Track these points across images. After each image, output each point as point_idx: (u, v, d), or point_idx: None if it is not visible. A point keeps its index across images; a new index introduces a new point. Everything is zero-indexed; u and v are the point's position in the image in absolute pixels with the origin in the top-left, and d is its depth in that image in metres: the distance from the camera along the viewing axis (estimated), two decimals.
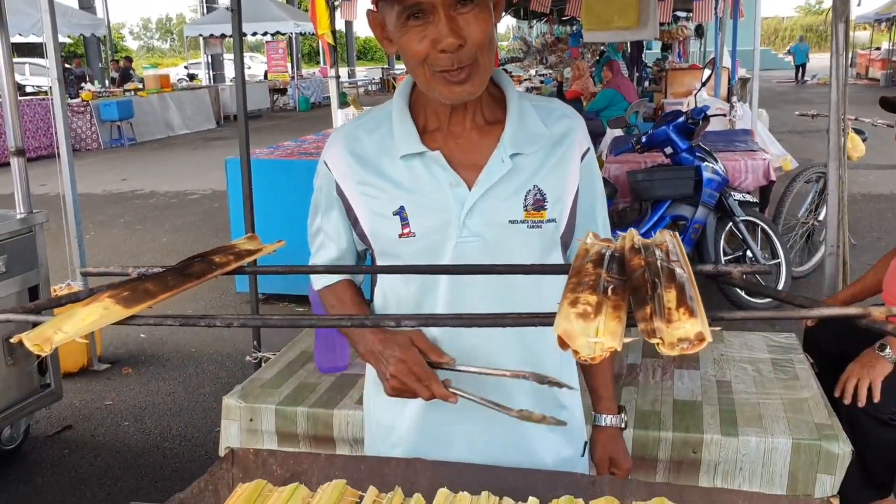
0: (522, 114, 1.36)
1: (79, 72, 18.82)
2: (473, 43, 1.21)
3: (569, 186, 1.38)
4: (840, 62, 3.39)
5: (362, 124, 1.41)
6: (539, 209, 1.34)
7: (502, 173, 1.32)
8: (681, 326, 0.70)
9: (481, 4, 1.21)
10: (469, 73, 1.23)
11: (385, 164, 1.35)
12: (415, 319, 0.80)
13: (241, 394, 2.51)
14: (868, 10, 26.08)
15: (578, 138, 1.40)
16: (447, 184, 1.33)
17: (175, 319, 0.85)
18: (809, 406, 2.33)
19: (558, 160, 1.37)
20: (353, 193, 1.38)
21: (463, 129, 1.36)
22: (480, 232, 1.32)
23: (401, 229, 1.34)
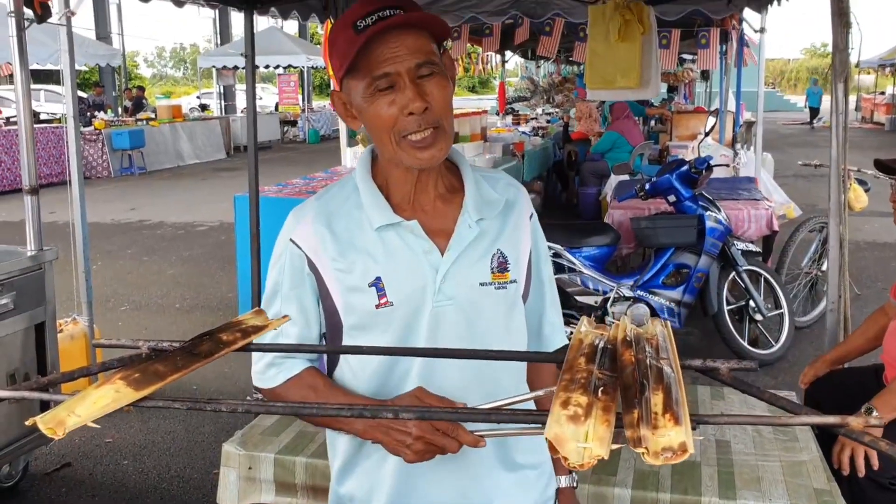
0: (477, 182, 1.46)
1: (98, 100, 19.03)
2: (437, 106, 1.31)
3: (523, 248, 1.48)
4: (839, 120, 3.45)
5: (329, 199, 1.45)
6: (503, 271, 1.42)
7: (471, 238, 1.40)
8: (665, 434, 0.73)
9: (440, 73, 1.32)
10: (435, 137, 1.32)
11: (356, 237, 1.39)
12: (412, 412, 0.83)
13: (241, 441, 2.53)
14: (872, 56, 26.29)
15: (525, 204, 1.51)
16: (421, 251, 1.38)
17: (182, 403, 0.89)
18: (808, 470, 2.34)
19: (513, 225, 1.47)
20: (326, 269, 1.40)
21: (428, 197, 1.43)
22: (454, 295, 1.38)
23: (377, 300, 1.37)
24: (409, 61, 1.28)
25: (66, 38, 4.26)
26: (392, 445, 1.28)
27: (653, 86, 3.43)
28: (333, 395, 1.42)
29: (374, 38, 1.27)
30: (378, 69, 1.28)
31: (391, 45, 1.28)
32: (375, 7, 1.29)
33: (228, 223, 9.38)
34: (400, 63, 1.28)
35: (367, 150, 1.47)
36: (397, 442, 1.27)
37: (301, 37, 26.01)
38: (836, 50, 3.38)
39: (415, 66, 1.29)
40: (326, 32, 6.87)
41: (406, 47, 1.28)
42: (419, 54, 1.29)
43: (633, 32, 3.24)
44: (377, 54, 1.28)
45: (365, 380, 1.42)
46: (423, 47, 1.30)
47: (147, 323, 6.09)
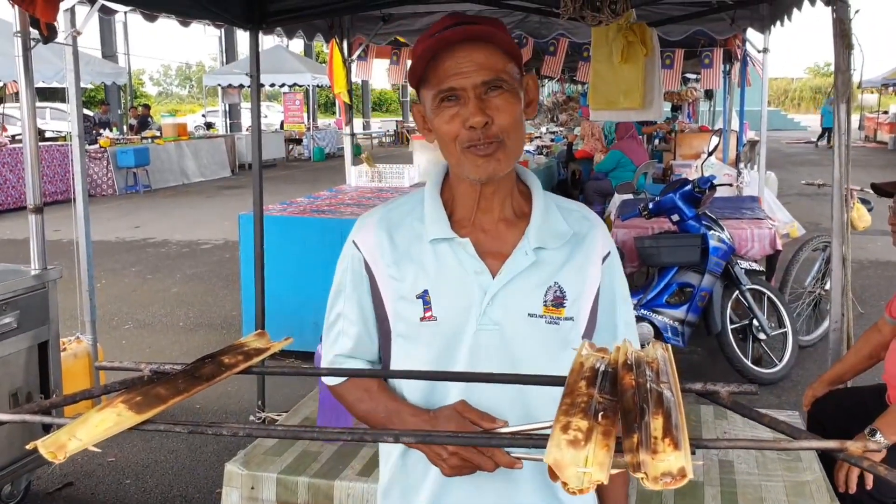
0: (547, 210, 1.42)
1: (104, 119, 19.15)
2: (500, 123, 1.30)
3: (588, 287, 1.42)
4: (842, 140, 3.45)
5: (395, 208, 1.47)
6: (558, 306, 1.37)
7: (526, 265, 1.37)
8: (665, 458, 0.73)
9: (510, 91, 1.32)
10: (496, 148, 1.31)
11: (413, 247, 1.41)
12: (413, 436, 0.83)
13: (244, 461, 2.53)
14: (875, 76, 26.35)
15: (600, 241, 1.45)
16: (472, 271, 1.37)
17: (184, 427, 0.89)
18: (812, 490, 2.33)
19: (580, 260, 1.41)
20: (381, 274, 1.42)
21: (490, 218, 1.41)
22: (500, 321, 1.36)
23: (423, 313, 1.37)
24: (476, 77, 1.29)
25: (72, 57, 4.29)
26: (431, 457, 1.30)
27: (655, 107, 3.44)
28: (384, 398, 1.42)
29: (444, 52, 1.29)
30: (445, 83, 1.30)
31: (460, 60, 1.29)
32: (455, 22, 1.31)
33: (233, 241, 9.41)
34: (466, 78, 1.29)
35: (441, 164, 1.48)
36: (435, 454, 1.29)
37: (306, 55, 26.19)
38: (839, 71, 3.39)
39: (481, 83, 1.29)
40: (331, 52, 6.92)
41: (475, 63, 1.29)
42: (488, 71, 1.29)
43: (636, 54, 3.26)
44: (445, 67, 1.30)
45: (414, 387, 1.43)
46: (493, 64, 1.30)
47: (151, 342, 6.09)
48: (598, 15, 3.16)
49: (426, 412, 1.36)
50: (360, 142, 23.98)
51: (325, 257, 5.36)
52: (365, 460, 2.51)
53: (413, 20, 6.38)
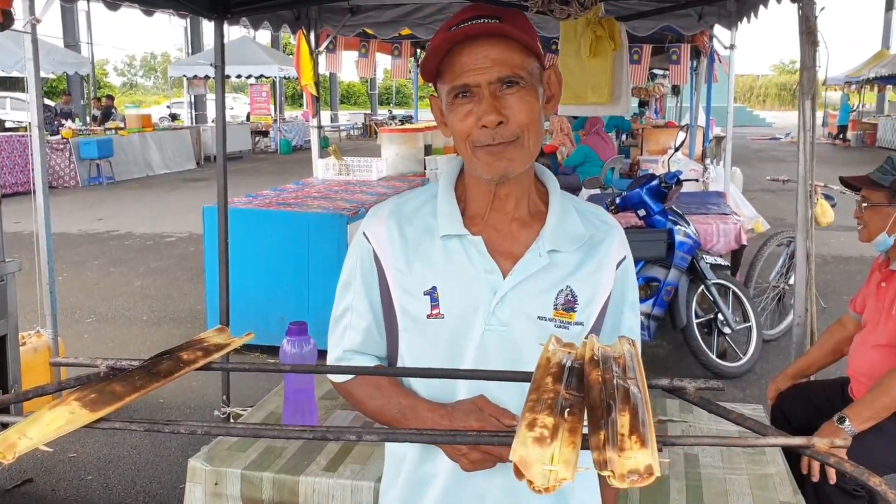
0: (564, 212, 1.39)
1: (66, 109, 18.80)
2: (515, 122, 1.26)
3: (601, 293, 1.38)
4: (807, 137, 3.49)
5: (408, 200, 1.43)
6: (569, 310, 1.34)
7: (538, 267, 1.34)
8: (632, 456, 0.72)
9: (527, 88, 1.27)
10: (507, 148, 1.27)
11: (424, 243, 1.37)
12: (376, 434, 0.81)
13: (207, 456, 2.49)
14: (839, 73, 26.78)
15: (616, 246, 1.41)
16: (482, 270, 1.34)
17: (140, 425, 0.86)
18: (775, 483, 2.35)
19: (596, 264, 1.38)
20: (390, 268, 1.39)
21: (504, 217, 1.38)
22: (508, 322, 1.33)
23: (430, 310, 1.34)
24: (491, 73, 1.24)
25: (31, 45, 4.19)
26: (450, 452, 1.30)
27: (623, 102, 3.45)
28: (397, 394, 1.40)
29: (461, 46, 1.25)
30: (459, 79, 1.26)
31: (475, 55, 1.25)
32: (474, 14, 1.26)
33: (197, 234, 9.29)
34: (481, 74, 1.24)
35: (457, 160, 1.43)
36: (454, 449, 1.28)
37: (274, 47, 25.98)
38: (804, 67, 3.43)
39: (496, 79, 1.25)
40: (298, 43, 6.86)
41: (490, 59, 1.24)
42: (503, 67, 1.24)
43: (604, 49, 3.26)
44: (461, 63, 1.25)
45: (421, 384, 1.41)
46: (510, 60, 1.25)
47: (113, 335, 6.00)
48: (566, 8, 3.16)
49: (443, 407, 1.33)
50: (328, 134, 23.85)
51: (291, 251, 5.34)
52: (330, 455, 2.49)
53: (380, 12, 6.33)
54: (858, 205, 2.82)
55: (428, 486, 1.41)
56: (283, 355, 2.61)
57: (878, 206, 2.73)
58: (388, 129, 9.25)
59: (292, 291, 5.29)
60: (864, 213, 2.79)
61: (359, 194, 6.30)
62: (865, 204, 2.78)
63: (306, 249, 5.27)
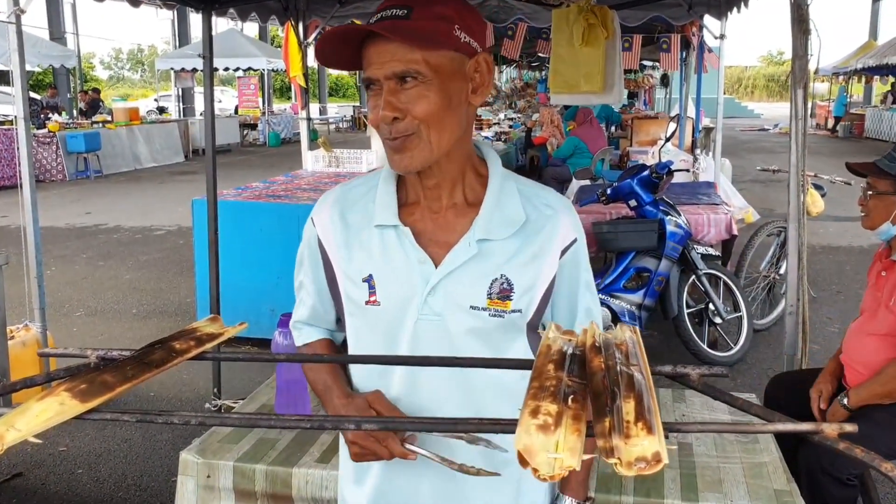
0: (502, 196, 1.36)
1: (52, 102, 18.64)
2: (413, 117, 1.25)
3: (542, 278, 1.37)
4: (798, 126, 3.49)
5: (353, 188, 1.45)
6: (504, 298, 1.33)
7: (468, 257, 1.33)
8: (639, 444, 0.70)
9: (427, 82, 1.24)
10: (405, 142, 1.26)
11: (364, 230, 1.38)
12: (375, 423, 0.79)
13: (199, 449, 2.47)
14: (826, 64, 26.83)
15: (562, 230, 1.38)
16: (415, 260, 1.34)
17: (132, 415, 0.84)
18: (769, 471, 2.35)
19: (535, 251, 1.35)
20: (333, 254, 1.42)
21: (440, 205, 1.37)
22: (441, 312, 1.34)
23: (367, 296, 1.36)
24: (387, 69, 1.24)
25: (16, 37, 4.14)
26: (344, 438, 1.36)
27: (616, 91, 3.43)
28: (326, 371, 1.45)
29: (369, 40, 1.25)
30: (366, 72, 1.27)
31: (378, 49, 1.24)
32: (389, 4, 1.26)
33: (186, 227, 9.24)
34: (378, 69, 1.24)
35: None
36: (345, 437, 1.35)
37: (261, 39, 25.81)
38: (796, 56, 3.42)
39: (392, 74, 1.24)
40: (287, 34, 6.80)
41: (389, 53, 1.23)
42: (398, 63, 1.23)
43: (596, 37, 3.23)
44: (367, 56, 1.26)
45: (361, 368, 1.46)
46: (407, 55, 1.23)
47: (103, 329, 5.95)
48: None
49: (349, 396, 1.40)
50: (317, 127, 23.75)
51: (280, 243, 5.30)
52: (324, 447, 2.47)
53: (369, 3, 6.28)
54: (864, 192, 2.80)
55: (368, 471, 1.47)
56: (276, 346, 2.59)
57: (884, 195, 2.71)
58: None
59: (282, 283, 5.26)
60: (868, 201, 2.77)
61: None
62: (871, 192, 2.76)
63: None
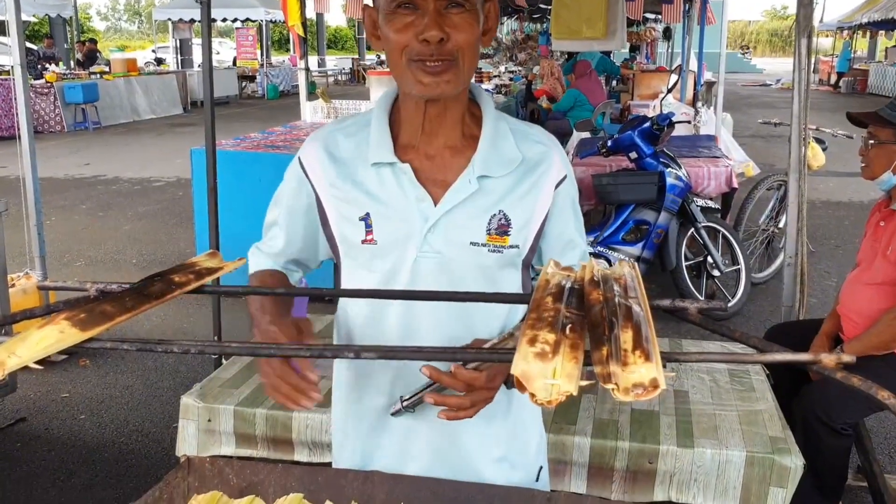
0: (497, 136, 1.37)
1: (49, 53, 18.41)
2: (456, 42, 1.24)
3: (537, 214, 1.38)
4: (802, 76, 3.45)
5: (342, 129, 1.42)
6: (502, 234, 1.34)
7: (467, 194, 1.33)
8: (636, 370, 0.71)
9: (472, 11, 1.25)
10: (445, 68, 1.25)
11: (359, 169, 1.37)
12: (374, 351, 0.80)
13: (200, 393, 2.50)
14: (831, 19, 26.52)
15: (554, 166, 1.40)
16: (413, 197, 1.34)
17: (132, 343, 0.85)
18: (764, 419, 2.38)
19: (529, 187, 1.37)
20: (325, 194, 1.39)
21: (437, 143, 1.37)
22: (441, 249, 1.34)
23: (364, 235, 1.35)
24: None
25: None
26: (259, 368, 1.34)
27: (618, 37, 3.40)
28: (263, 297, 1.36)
29: None
30: None
31: None
32: None
33: (185, 179, 9.20)
34: None
35: (393, 86, 1.41)
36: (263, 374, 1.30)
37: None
38: (801, 5, 3.37)
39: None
40: None
41: None
42: None
43: None
44: None
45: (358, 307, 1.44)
46: None
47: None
48: None
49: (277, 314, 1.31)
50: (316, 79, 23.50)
51: None
52: (324, 391, 2.49)
53: None
54: (864, 141, 2.78)
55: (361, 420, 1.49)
56: None
57: (885, 144, 2.69)
58: (376, 72, 9.12)
59: None
60: (869, 151, 2.75)
61: None
62: (872, 141, 2.74)
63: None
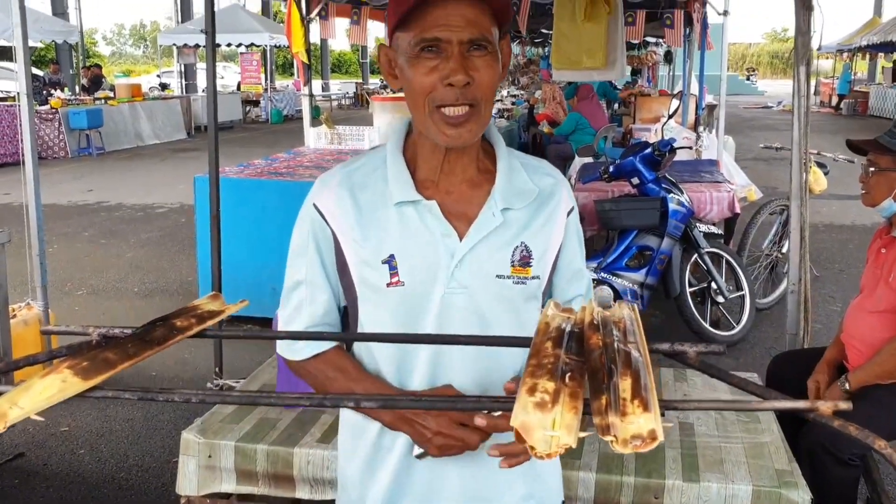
0: (511, 169, 1.40)
1: (55, 78, 18.56)
2: (480, 85, 1.26)
3: (552, 244, 1.41)
4: (801, 103, 3.47)
5: (356, 169, 1.41)
6: (525, 265, 1.36)
7: (493, 227, 1.35)
8: (635, 421, 0.71)
9: (493, 54, 1.27)
10: (469, 116, 1.27)
11: (378, 210, 1.36)
12: (374, 401, 0.80)
13: (201, 428, 2.49)
14: (830, 42, 26.64)
15: (564, 197, 1.44)
16: (439, 234, 1.34)
17: (133, 393, 0.85)
18: (770, 451, 2.36)
19: (545, 218, 1.40)
20: (345, 238, 1.37)
21: (455, 180, 1.37)
22: (468, 284, 1.34)
23: (389, 278, 1.34)
24: (464, 33, 1.23)
25: (19, 11, 4.12)
26: (416, 437, 1.30)
27: (619, 66, 3.43)
28: (362, 379, 1.37)
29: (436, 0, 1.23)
30: (430, 31, 1.24)
31: (450, 11, 1.23)
32: None
33: (189, 205, 9.22)
34: (453, 32, 1.23)
35: (403, 121, 1.42)
36: (419, 434, 1.28)
37: (264, 15, 25.66)
38: (799, 33, 3.40)
39: (467, 40, 1.24)
40: (289, 10, 6.76)
41: (464, 18, 1.23)
42: (475, 29, 1.24)
43: (599, 12, 3.22)
44: (434, 16, 1.23)
45: (384, 354, 1.40)
46: (482, 23, 1.25)
47: (105, 307, 5.97)
48: None
49: (410, 394, 1.33)
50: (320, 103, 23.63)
51: (282, 220, 5.27)
52: (325, 427, 2.48)
53: None
54: (865, 168, 2.78)
55: (384, 462, 1.42)
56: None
57: (885, 171, 2.70)
58: (380, 98, 9.17)
59: (284, 262, 5.24)
60: (869, 178, 2.76)
61: None
62: (872, 168, 2.75)
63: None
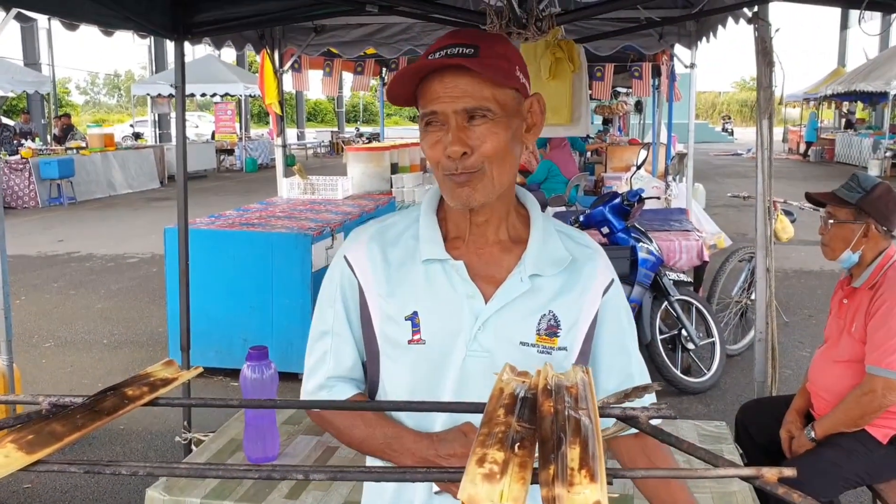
0: (546, 236, 1.39)
1: (26, 128, 18.51)
2: (480, 153, 1.26)
3: (584, 316, 1.38)
4: (765, 155, 3.55)
5: (389, 225, 1.43)
6: (552, 335, 1.34)
7: (520, 292, 1.34)
8: (581, 492, 0.71)
9: (496, 120, 1.27)
10: (470, 178, 1.27)
11: (406, 266, 1.37)
12: (323, 472, 0.79)
13: (166, 486, 2.44)
14: (797, 90, 27.33)
15: (601, 268, 1.41)
16: (464, 294, 1.33)
17: (80, 466, 0.84)
18: (738, 500, 2.36)
19: (578, 288, 1.38)
20: (371, 292, 1.38)
21: (485, 242, 1.38)
22: (490, 348, 1.32)
23: (411, 335, 1.34)
24: (458, 104, 1.25)
25: None
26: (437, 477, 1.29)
27: (583, 123, 3.50)
28: (380, 424, 1.37)
29: (433, 74, 1.26)
30: (429, 105, 1.27)
31: (446, 84, 1.25)
32: (452, 42, 1.27)
33: (160, 255, 9.16)
34: (448, 104, 1.25)
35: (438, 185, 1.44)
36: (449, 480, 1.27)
37: (239, 65, 25.86)
38: (761, 87, 3.49)
39: (462, 110, 1.25)
40: (262, 62, 6.82)
41: (459, 89, 1.25)
42: (470, 99, 1.25)
43: (563, 70, 3.29)
44: (433, 90, 1.26)
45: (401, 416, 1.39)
46: (478, 92, 1.25)
47: (73, 360, 5.88)
48: (523, 32, 3.18)
49: (429, 436, 1.33)
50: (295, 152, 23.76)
51: (254, 272, 5.28)
52: (292, 483, 2.45)
53: (345, 32, 6.34)
54: (824, 221, 2.84)
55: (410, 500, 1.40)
56: (244, 381, 2.57)
57: (844, 223, 2.76)
58: (354, 148, 9.22)
59: (255, 313, 5.24)
60: (828, 230, 2.81)
61: (324, 213, 6.26)
62: (831, 220, 2.80)
63: (270, 270, 5.23)
